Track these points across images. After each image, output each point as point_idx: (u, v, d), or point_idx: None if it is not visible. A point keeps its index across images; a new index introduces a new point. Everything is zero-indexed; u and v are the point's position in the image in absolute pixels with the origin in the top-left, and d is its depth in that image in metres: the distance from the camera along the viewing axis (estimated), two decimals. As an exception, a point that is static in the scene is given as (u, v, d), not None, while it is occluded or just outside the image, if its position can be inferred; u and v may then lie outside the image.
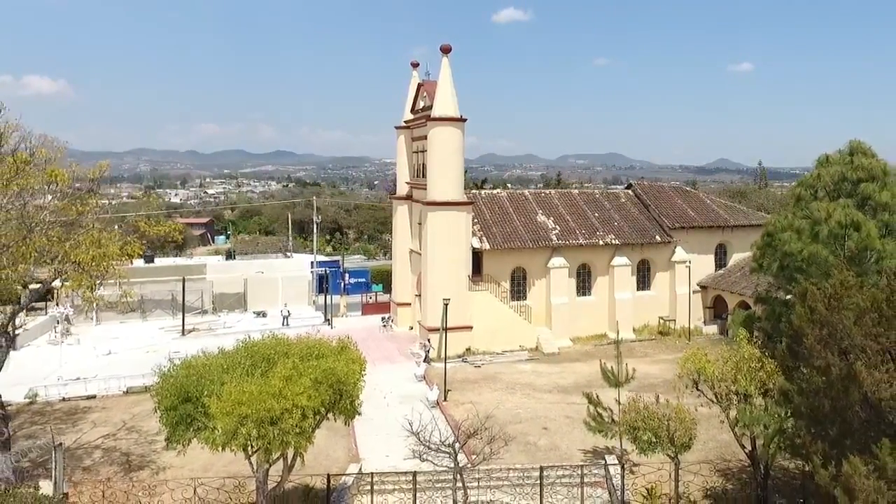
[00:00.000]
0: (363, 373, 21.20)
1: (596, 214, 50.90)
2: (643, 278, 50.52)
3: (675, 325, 49.00)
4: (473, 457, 22.71)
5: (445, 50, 44.96)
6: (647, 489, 24.30)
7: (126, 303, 26.57)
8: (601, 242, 48.47)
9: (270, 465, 20.49)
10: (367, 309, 58.58)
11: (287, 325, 52.11)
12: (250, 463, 20.24)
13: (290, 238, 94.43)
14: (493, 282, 46.02)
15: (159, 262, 62.95)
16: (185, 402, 18.90)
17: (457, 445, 21.43)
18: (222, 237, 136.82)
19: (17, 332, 27.66)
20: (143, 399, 35.86)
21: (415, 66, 53.23)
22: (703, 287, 50.87)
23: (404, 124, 52.90)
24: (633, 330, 48.50)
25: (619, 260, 48.88)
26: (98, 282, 24.84)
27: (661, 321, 49.52)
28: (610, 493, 25.55)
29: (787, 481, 24.62)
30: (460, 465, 21.44)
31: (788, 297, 21.72)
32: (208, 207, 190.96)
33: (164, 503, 22.82)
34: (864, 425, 13.67)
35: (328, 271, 63.59)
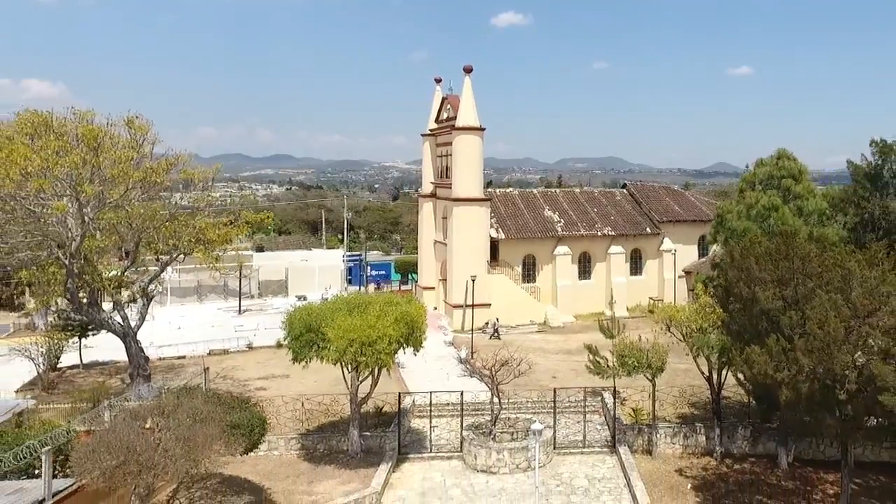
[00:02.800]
0: (425, 318, 29.37)
1: (595, 210, 59.08)
2: (635, 265, 58.67)
3: (663, 305, 57.05)
4: (503, 382, 30.64)
5: (468, 70, 53.16)
6: (633, 409, 32.47)
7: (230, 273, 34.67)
8: (599, 234, 56.66)
9: (360, 382, 28.66)
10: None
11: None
12: (345, 380, 28.38)
13: (324, 234, 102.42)
14: (507, 266, 54.19)
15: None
16: (308, 332, 27.03)
17: (494, 368, 29.53)
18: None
19: (153, 294, 35.56)
20: (225, 358, 44.13)
21: (438, 81, 61.38)
22: (687, 272, 58.86)
23: (429, 132, 60.98)
24: (627, 309, 56.49)
25: (614, 249, 57.06)
26: (219, 253, 33.02)
27: (651, 301, 57.55)
28: (605, 417, 33.67)
29: (737, 409, 32.75)
30: (496, 382, 29.51)
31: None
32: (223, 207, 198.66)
33: (279, 412, 30.88)
34: (764, 330, 21.73)
35: (355, 263, 72.02)
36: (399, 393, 31.94)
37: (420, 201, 63.18)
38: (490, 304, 52.01)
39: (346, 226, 77.70)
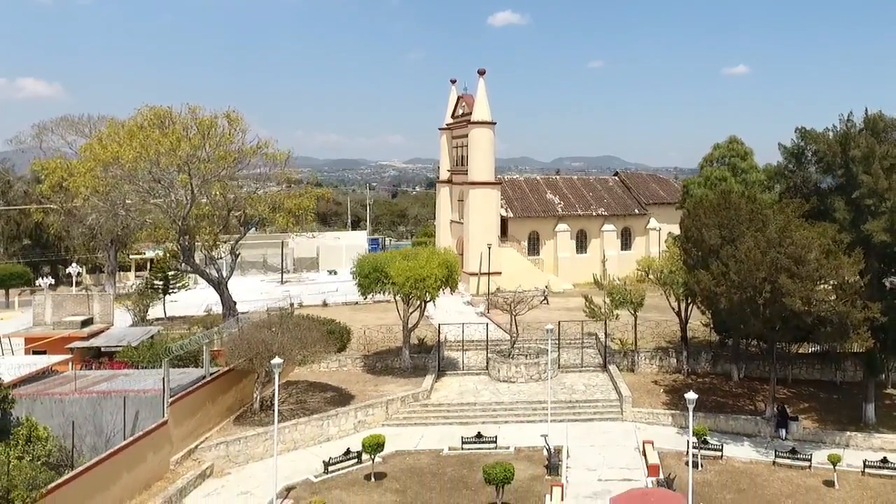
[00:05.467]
0: (459, 265, 38.19)
1: (590, 194, 68.05)
2: (625, 241, 67.66)
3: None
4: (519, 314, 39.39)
5: (481, 73, 62.11)
6: (620, 339, 41.33)
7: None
8: (594, 214, 65.64)
9: (411, 313, 37.47)
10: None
11: (355, 278, 69.00)
12: (398, 312, 37.20)
13: (349, 217, 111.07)
14: (515, 241, 63.11)
15: (253, 237, 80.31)
16: (374, 271, 35.85)
17: (513, 302, 38.42)
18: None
19: (238, 252, 44.45)
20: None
21: (453, 82, 70.27)
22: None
23: (446, 126, 69.82)
24: (617, 279, 65.28)
25: (607, 227, 66.03)
26: (297, 220, 41.84)
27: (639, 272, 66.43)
28: (598, 349, 42.47)
29: (702, 343, 41.61)
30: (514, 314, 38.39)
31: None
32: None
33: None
34: (709, 260, 30.51)
35: (374, 245, 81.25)
36: (438, 324, 40.79)
37: (438, 187, 72.05)
38: (501, 273, 60.80)
39: (368, 210, 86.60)
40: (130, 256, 69.86)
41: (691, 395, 22.31)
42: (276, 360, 23.96)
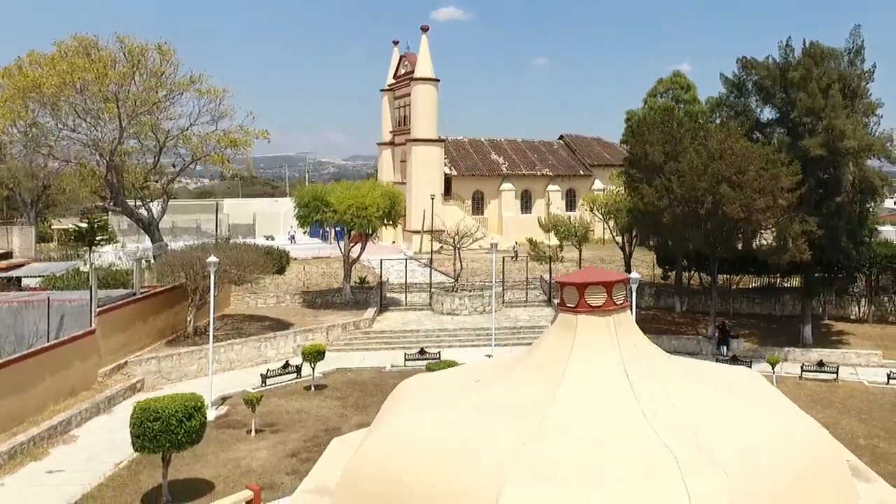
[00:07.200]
0: (403, 199, 37.47)
1: (535, 155, 68.00)
2: (570, 202, 67.71)
3: (594, 236, 66.21)
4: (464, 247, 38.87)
5: (424, 29, 61.40)
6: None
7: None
8: (539, 174, 65.57)
9: (352, 247, 36.58)
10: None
11: (294, 242, 67.47)
12: (340, 248, 36.25)
13: (288, 187, 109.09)
14: (460, 200, 62.57)
15: (186, 201, 77.87)
16: (314, 200, 34.85)
17: (456, 237, 37.88)
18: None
19: (173, 193, 42.81)
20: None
21: (395, 43, 69.39)
22: (614, 209, 68.28)
23: (388, 87, 68.85)
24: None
25: (552, 187, 66.04)
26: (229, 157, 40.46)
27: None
28: (542, 289, 42.24)
29: (647, 281, 41.72)
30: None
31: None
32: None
33: (286, 279, 38.67)
34: (653, 175, 30.49)
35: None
36: (381, 259, 39.96)
37: (379, 149, 71.05)
38: (444, 231, 60.15)
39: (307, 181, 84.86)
40: (52, 227, 66.72)
41: (635, 275, 22.08)
42: (212, 259, 22.93)
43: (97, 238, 46.79)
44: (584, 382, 9.17)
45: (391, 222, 37.10)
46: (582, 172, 67.51)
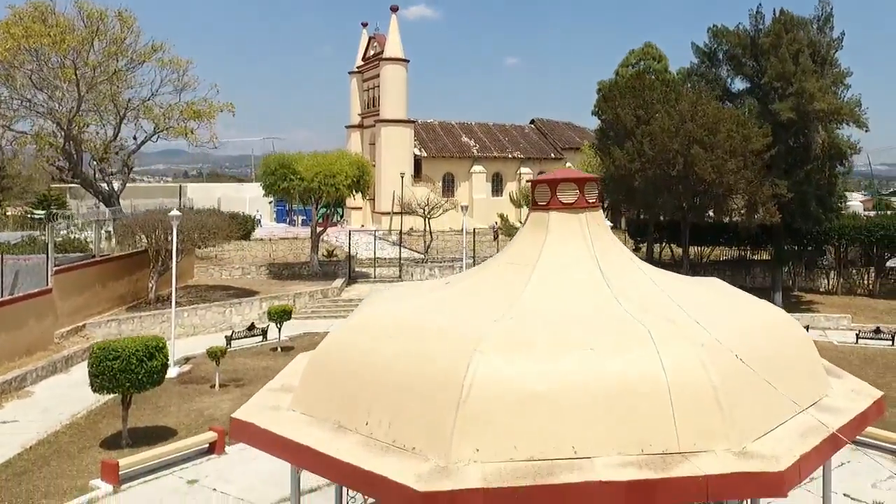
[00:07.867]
0: (372, 170, 36.83)
1: (506, 139, 67.70)
2: (540, 185, 67.51)
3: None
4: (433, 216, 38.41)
5: (394, 9, 60.71)
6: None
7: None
8: (510, 156, 65.30)
9: (320, 217, 35.88)
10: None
11: (261, 226, 66.44)
12: (313, 213, 35.53)
13: (253, 172, 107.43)
14: (430, 181, 62.02)
15: (151, 184, 76.38)
16: (281, 168, 34.12)
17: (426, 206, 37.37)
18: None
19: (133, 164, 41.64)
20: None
21: (364, 25, 68.61)
22: (584, 192, 68.27)
23: (357, 69, 68.06)
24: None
25: (523, 170, 65.76)
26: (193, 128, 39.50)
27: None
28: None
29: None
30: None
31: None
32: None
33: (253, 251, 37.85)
34: (624, 139, 30.30)
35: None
36: (349, 230, 39.29)
37: (348, 132, 70.15)
38: (414, 212, 59.59)
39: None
40: (8, 213, 64.83)
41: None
42: (175, 212, 22.24)
43: (57, 214, 45.60)
44: (556, 272, 8.86)
45: (360, 191, 36.43)
46: (553, 156, 67.36)
